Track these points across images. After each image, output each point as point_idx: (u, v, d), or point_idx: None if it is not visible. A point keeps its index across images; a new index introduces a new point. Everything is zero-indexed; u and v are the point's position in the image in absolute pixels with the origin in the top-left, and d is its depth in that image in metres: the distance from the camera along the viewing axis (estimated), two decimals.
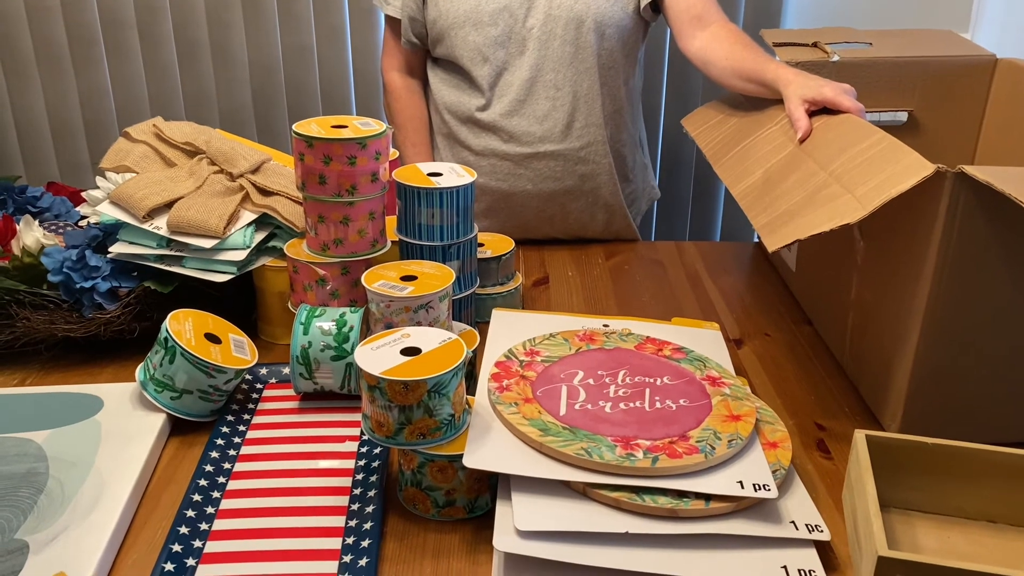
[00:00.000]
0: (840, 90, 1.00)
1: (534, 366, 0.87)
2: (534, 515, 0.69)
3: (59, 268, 0.99)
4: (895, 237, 0.87)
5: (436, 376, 0.72)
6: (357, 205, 0.97)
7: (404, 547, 0.74)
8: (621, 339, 0.93)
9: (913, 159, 0.79)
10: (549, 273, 1.29)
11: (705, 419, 0.79)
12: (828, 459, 0.86)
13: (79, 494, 0.77)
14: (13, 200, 1.20)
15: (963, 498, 0.77)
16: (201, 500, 0.78)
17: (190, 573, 0.70)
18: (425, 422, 0.74)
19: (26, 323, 0.99)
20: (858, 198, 0.80)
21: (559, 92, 1.31)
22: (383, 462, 0.83)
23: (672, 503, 0.71)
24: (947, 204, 0.77)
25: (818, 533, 0.71)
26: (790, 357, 1.06)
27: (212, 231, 1.00)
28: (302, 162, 0.95)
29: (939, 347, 0.83)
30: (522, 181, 1.36)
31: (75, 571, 0.68)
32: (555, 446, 0.73)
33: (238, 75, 1.96)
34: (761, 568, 0.68)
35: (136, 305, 1.02)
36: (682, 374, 0.87)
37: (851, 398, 0.97)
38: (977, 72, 1.25)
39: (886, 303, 0.90)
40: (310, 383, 0.92)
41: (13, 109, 2.01)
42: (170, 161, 1.11)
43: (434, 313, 0.91)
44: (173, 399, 0.89)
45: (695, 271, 1.30)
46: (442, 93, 1.37)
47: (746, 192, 1.00)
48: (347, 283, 1.00)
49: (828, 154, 0.92)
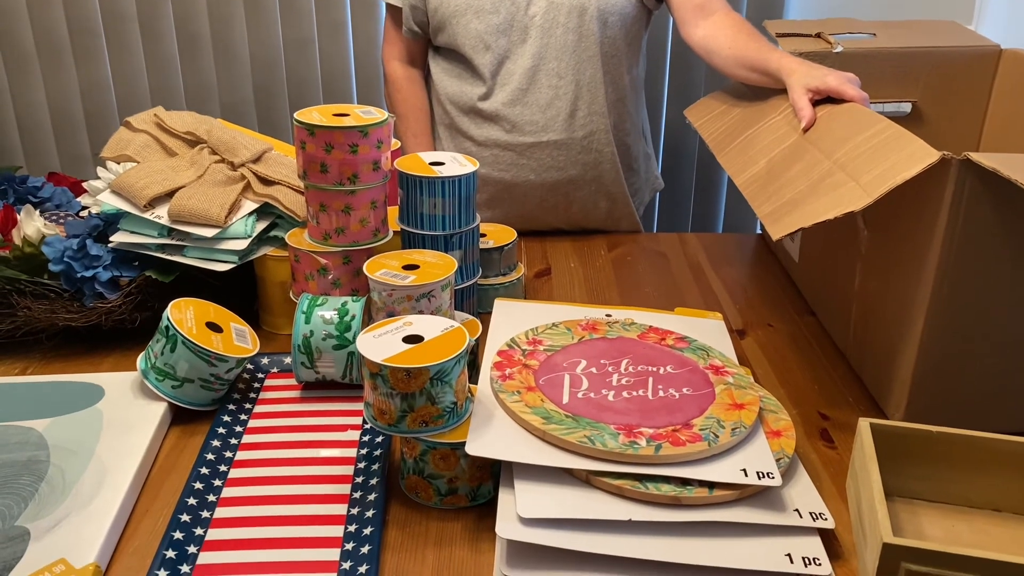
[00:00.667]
0: (844, 79, 0.99)
1: (537, 355, 0.86)
2: (537, 502, 0.69)
3: (60, 257, 0.99)
4: (899, 226, 0.87)
5: (439, 363, 0.72)
6: (359, 194, 0.97)
7: (406, 535, 0.74)
8: (624, 328, 0.93)
9: (918, 146, 0.79)
10: (551, 264, 1.29)
11: (708, 408, 0.79)
12: (832, 448, 0.86)
13: (80, 482, 0.77)
14: (14, 190, 1.20)
15: (968, 487, 0.76)
16: (203, 488, 0.78)
17: (192, 560, 0.70)
18: (427, 410, 0.74)
19: (27, 312, 0.99)
20: (863, 186, 0.80)
21: (562, 81, 1.30)
22: (385, 451, 0.82)
23: (675, 491, 0.70)
24: (952, 191, 0.76)
25: (822, 521, 0.70)
26: (793, 347, 1.05)
27: (213, 220, 1.00)
28: (304, 150, 0.95)
29: (944, 336, 0.82)
30: (525, 171, 1.36)
31: (76, 558, 0.68)
32: (558, 434, 0.73)
33: (239, 68, 1.96)
34: (765, 556, 0.68)
35: (137, 295, 1.01)
36: (685, 363, 0.86)
37: (855, 388, 0.96)
38: (981, 63, 1.24)
39: (890, 292, 0.89)
40: (312, 372, 0.92)
41: (14, 102, 2.01)
42: (171, 151, 1.10)
43: (436, 302, 0.90)
44: (174, 388, 0.88)
45: (697, 262, 1.30)
46: (444, 83, 1.37)
47: (750, 182, 1.00)
48: (349, 272, 1.00)
49: (832, 143, 0.91)
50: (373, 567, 0.68)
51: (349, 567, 0.69)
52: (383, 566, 0.70)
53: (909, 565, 0.62)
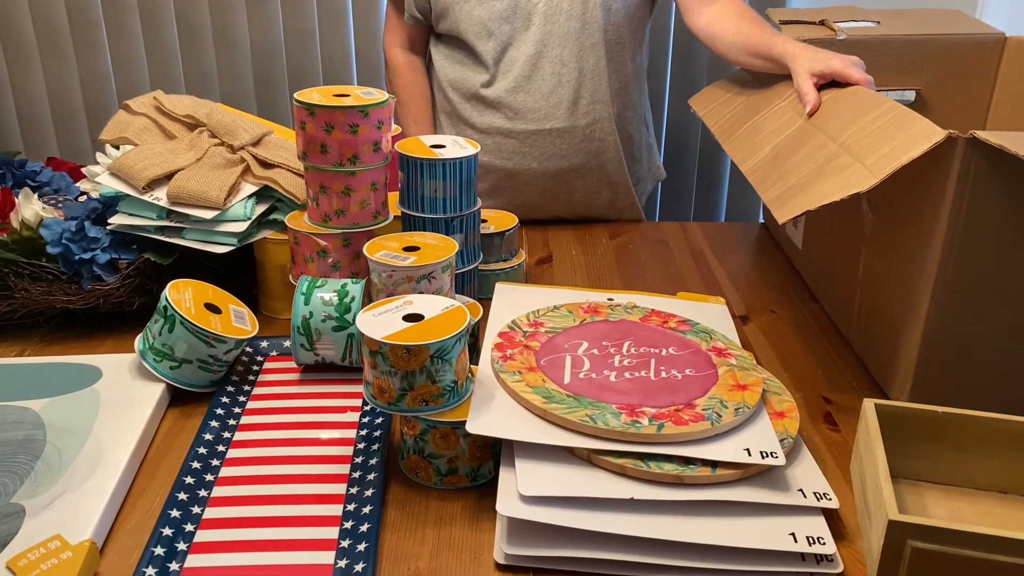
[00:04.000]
0: (849, 62, 0.98)
1: (538, 336, 0.85)
2: (538, 481, 0.68)
3: (58, 240, 0.98)
4: (905, 207, 0.86)
5: (439, 341, 0.71)
6: (359, 175, 0.96)
7: (406, 514, 0.73)
8: (626, 312, 0.92)
9: (924, 126, 0.78)
10: (553, 252, 1.28)
11: (711, 388, 0.78)
12: (835, 431, 0.85)
13: (76, 460, 0.76)
14: (12, 174, 1.19)
15: (973, 468, 0.76)
16: (200, 468, 0.77)
17: (188, 538, 0.69)
18: (427, 388, 0.73)
19: (24, 294, 0.98)
20: (868, 167, 0.79)
21: (565, 68, 1.29)
22: (385, 431, 0.82)
23: (678, 470, 0.69)
24: (958, 170, 0.76)
25: (826, 501, 0.69)
26: (796, 333, 1.04)
27: (212, 202, 0.99)
28: (303, 131, 0.94)
29: (949, 318, 0.81)
30: (527, 159, 1.35)
31: (72, 535, 0.67)
32: (559, 413, 0.72)
33: (240, 58, 1.95)
34: (769, 535, 0.67)
35: (136, 277, 1.01)
36: (688, 345, 0.85)
37: (859, 373, 0.95)
38: (986, 51, 1.24)
39: (895, 275, 0.88)
40: (311, 354, 0.91)
41: (14, 92, 2.00)
42: (170, 134, 1.09)
43: (437, 284, 0.90)
44: (172, 368, 0.88)
45: (700, 250, 1.29)
46: (445, 69, 1.36)
47: (755, 168, 0.99)
48: (349, 255, 0.99)
49: (838, 126, 0.90)
50: (372, 545, 0.67)
51: (348, 545, 0.68)
52: (382, 545, 0.70)
53: (915, 543, 0.61)
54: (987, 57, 1.24)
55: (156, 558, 0.66)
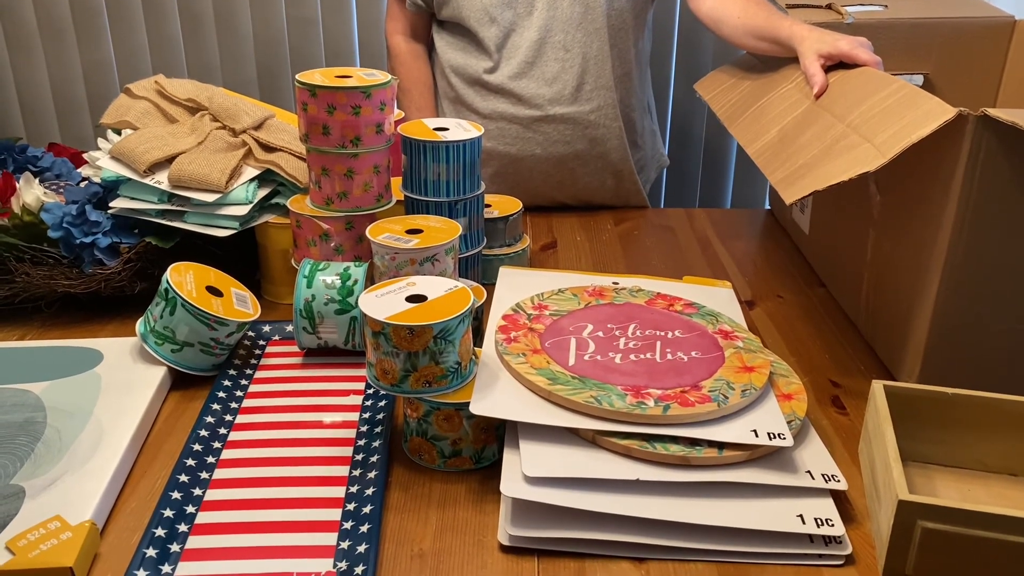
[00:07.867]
0: (856, 43, 0.97)
1: (542, 319, 0.85)
2: (542, 461, 0.68)
3: (59, 223, 0.98)
4: (914, 188, 0.85)
5: (442, 321, 0.70)
6: (361, 157, 0.95)
7: (409, 496, 0.72)
8: (631, 295, 0.91)
9: (934, 104, 0.77)
10: (557, 238, 1.27)
11: (718, 370, 0.77)
12: (844, 415, 0.84)
13: (77, 442, 0.75)
14: (14, 159, 1.19)
15: (984, 451, 0.75)
16: (201, 450, 0.76)
17: (189, 520, 0.68)
18: (431, 369, 0.72)
19: (25, 278, 0.98)
20: (877, 146, 0.78)
21: (568, 54, 1.28)
22: (388, 414, 0.81)
23: (684, 451, 0.69)
24: (969, 149, 0.74)
25: (835, 483, 0.68)
26: (803, 317, 1.03)
27: (214, 185, 0.98)
28: (305, 112, 0.93)
29: (959, 300, 0.80)
30: (531, 145, 1.34)
31: (72, 516, 0.66)
32: (564, 394, 0.72)
33: (242, 47, 1.94)
34: (776, 516, 0.66)
35: (137, 261, 1.00)
36: (694, 328, 0.85)
37: (867, 357, 0.94)
38: (995, 34, 1.22)
39: (904, 257, 0.87)
40: (313, 338, 0.91)
41: (16, 82, 1.99)
42: (172, 117, 1.09)
43: (440, 266, 0.89)
44: (174, 352, 0.87)
45: (705, 236, 1.28)
46: (448, 55, 1.35)
47: (762, 150, 0.98)
48: (351, 239, 0.98)
49: (845, 106, 0.89)
50: (375, 527, 0.66)
51: (350, 527, 0.67)
52: (385, 527, 0.69)
53: (925, 523, 0.60)
54: (996, 41, 1.22)
55: (157, 539, 0.65)
